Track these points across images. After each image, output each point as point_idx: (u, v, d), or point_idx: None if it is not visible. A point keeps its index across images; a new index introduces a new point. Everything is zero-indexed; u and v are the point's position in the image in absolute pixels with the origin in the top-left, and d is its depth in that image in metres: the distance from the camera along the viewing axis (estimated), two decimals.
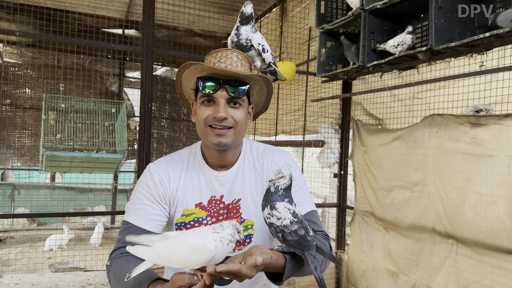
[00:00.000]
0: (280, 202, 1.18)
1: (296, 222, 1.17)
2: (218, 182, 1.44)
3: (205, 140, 1.37)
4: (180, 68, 1.37)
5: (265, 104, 1.54)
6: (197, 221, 1.42)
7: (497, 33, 1.98)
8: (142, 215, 1.36)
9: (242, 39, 1.44)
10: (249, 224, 1.45)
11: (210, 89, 1.31)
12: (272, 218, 1.19)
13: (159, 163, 1.45)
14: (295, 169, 1.48)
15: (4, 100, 5.23)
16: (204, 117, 1.33)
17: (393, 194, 3.03)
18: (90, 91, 5.58)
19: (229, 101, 1.33)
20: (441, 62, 2.63)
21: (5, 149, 5.25)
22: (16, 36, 4.61)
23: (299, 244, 1.17)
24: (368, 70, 3.01)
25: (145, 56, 2.99)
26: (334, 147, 3.75)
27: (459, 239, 2.51)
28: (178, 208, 1.41)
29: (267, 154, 1.51)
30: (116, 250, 1.34)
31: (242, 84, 1.34)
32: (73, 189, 5.88)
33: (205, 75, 1.33)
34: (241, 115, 1.35)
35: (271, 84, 1.41)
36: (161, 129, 6.10)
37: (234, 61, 1.36)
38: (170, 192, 1.41)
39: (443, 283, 2.61)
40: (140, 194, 1.39)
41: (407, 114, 3.06)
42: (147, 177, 1.42)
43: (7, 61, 5.60)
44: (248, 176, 1.47)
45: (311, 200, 1.49)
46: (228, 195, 1.44)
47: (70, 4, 4.89)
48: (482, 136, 2.34)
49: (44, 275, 2.68)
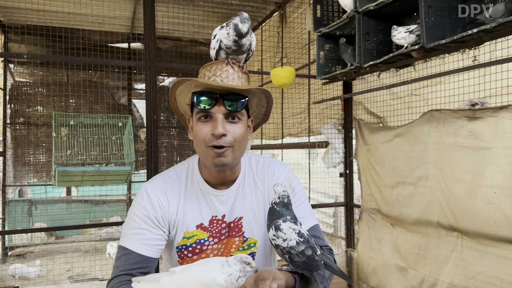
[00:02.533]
0: (284, 223, 1.15)
1: (302, 242, 1.14)
2: (219, 202, 1.37)
3: (204, 160, 1.30)
4: (174, 85, 1.31)
5: (265, 116, 1.48)
6: (199, 243, 1.36)
7: (484, 28, 2.02)
8: (141, 240, 1.28)
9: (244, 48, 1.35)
10: (251, 242, 1.40)
11: (206, 105, 1.24)
12: (277, 240, 1.15)
13: (156, 183, 1.36)
14: (296, 183, 1.45)
15: (18, 119, 5.39)
16: (202, 136, 1.26)
17: (397, 190, 3.07)
18: (99, 105, 5.72)
19: (227, 116, 1.26)
20: (436, 59, 2.68)
21: (20, 166, 5.41)
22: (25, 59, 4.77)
23: (307, 264, 1.14)
24: (365, 70, 3.06)
25: (148, 69, 3.09)
26: (338, 147, 3.80)
27: (463, 231, 2.55)
28: (178, 231, 1.35)
29: (267, 169, 1.45)
30: (114, 279, 1.25)
31: (240, 98, 1.26)
32: (88, 202, 6.01)
33: (201, 90, 1.27)
34: (240, 130, 1.28)
35: (270, 96, 1.36)
36: (170, 138, 6.21)
37: (231, 73, 1.30)
38: (170, 215, 1.34)
39: (450, 275, 2.64)
40: (137, 218, 1.30)
41: (407, 111, 3.10)
42: (144, 199, 1.32)
43: (18, 80, 5.78)
44: (249, 193, 1.41)
45: (313, 214, 1.45)
46: (230, 214, 1.38)
47: (75, 22, 5.04)
48: (479, 129, 2.38)
49: (63, 286, 2.78)
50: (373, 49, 2.87)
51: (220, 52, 1.35)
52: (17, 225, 5.56)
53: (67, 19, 4.90)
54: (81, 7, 4.34)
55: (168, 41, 5.95)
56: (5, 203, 5.30)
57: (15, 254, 5.65)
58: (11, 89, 5.37)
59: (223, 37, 1.34)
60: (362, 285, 3.58)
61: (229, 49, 1.33)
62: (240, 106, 1.26)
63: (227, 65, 1.31)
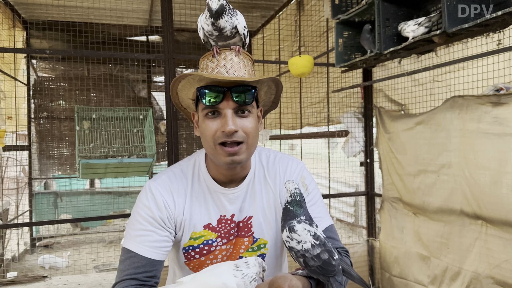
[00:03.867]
0: (299, 224, 1.08)
1: (318, 245, 1.06)
2: (228, 200, 1.29)
3: (214, 158, 1.21)
4: (175, 81, 1.22)
5: (274, 103, 1.39)
6: (207, 243, 1.29)
7: (509, 10, 1.96)
8: (145, 242, 1.20)
9: (226, 31, 1.20)
10: (261, 243, 1.33)
11: (213, 100, 1.15)
12: (291, 242, 1.08)
13: (161, 182, 1.28)
14: (310, 181, 1.37)
15: (41, 113, 5.51)
16: (211, 133, 1.17)
17: (419, 178, 3.04)
18: (120, 98, 5.80)
19: (236, 110, 1.17)
20: (459, 44, 2.61)
21: (45, 160, 5.54)
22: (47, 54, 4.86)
23: (323, 269, 1.06)
24: (386, 57, 3.01)
25: (166, 62, 3.11)
26: (358, 136, 3.77)
27: (487, 219, 2.50)
28: (185, 231, 1.27)
29: (278, 165, 1.36)
30: (119, 283, 1.18)
31: (249, 89, 1.17)
32: (111, 193, 6.14)
33: (206, 84, 1.17)
34: (252, 124, 1.19)
35: (280, 83, 1.27)
36: (190, 129, 6.25)
37: (236, 62, 1.20)
38: (176, 215, 1.26)
39: (474, 264, 2.61)
40: (141, 218, 1.22)
41: (429, 98, 3.05)
42: (148, 199, 1.24)
43: (41, 76, 5.89)
44: (259, 191, 1.33)
45: (327, 213, 1.36)
46: (239, 213, 1.31)
47: (94, 17, 5.10)
48: (504, 115, 2.32)
49: (89, 276, 2.86)
50: (393, 35, 2.82)
51: (209, 40, 1.24)
52: (43, 216, 5.72)
53: (86, 14, 4.96)
54: (99, 2, 4.39)
55: (186, 33, 5.96)
56: (31, 196, 5.45)
57: (43, 245, 5.83)
58: (34, 84, 5.49)
59: (203, 22, 1.22)
60: (385, 274, 3.56)
61: (212, 35, 1.21)
62: (250, 98, 1.17)
63: (231, 53, 1.20)
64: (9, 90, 4.47)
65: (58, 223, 5.63)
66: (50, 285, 2.60)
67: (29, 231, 5.70)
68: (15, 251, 4.85)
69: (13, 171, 4.82)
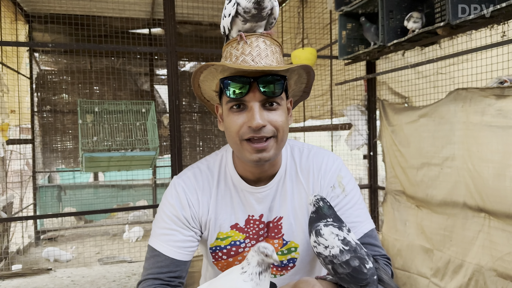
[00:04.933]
0: (326, 227, 0.99)
1: (347, 251, 0.97)
2: (256, 200, 1.20)
3: (240, 155, 1.12)
4: (196, 71, 1.12)
5: (305, 92, 1.27)
6: (234, 244, 1.22)
7: (490, 10, 1.94)
8: (170, 242, 1.16)
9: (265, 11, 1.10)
10: (292, 246, 1.22)
11: (238, 92, 1.04)
12: (319, 247, 0.99)
13: (186, 178, 1.22)
14: (348, 181, 1.23)
15: (45, 107, 5.52)
16: (236, 128, 1.07)
17: (422, 171, 3.03)
18: (123, 92, 5.80)
19: (264, 102, 1.06)
20: (463, 36, 2.59)
21: (49, 153, 5.56)
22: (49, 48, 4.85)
23: (353, 278, 0.96)
24: (389, 49, 3.00)
25: (169, 55, 3.10)
26: (361, 129, 3.76)
27: (490, 212, 2.50)
28: (211, 231, 1.21)
29: (312, 162, 1.23)
30: (143, 282, 1.16)
31: (277, 78, 1.05)
32: (115, 187, 6.16)
33: (230, 75, 1.07)
34: (281, 117, 1.08)
35: (312, 71, 1.15)
36: (193, 123, 6.26)
37: (262, 49, 1.08)
38: (201, 215, 1.20)
39: (477, 256, 2.61)
40: (166, 217, 1.18)
41: (432, 90, 3.03)
42: (173, 196, 1.19)
43: (44, 69, 5.90)
44: (290, 189, 1.22)
45: (368, 216, 1.22)
46: (268, 213, 1.21)
47: (96, 9, 5.09)
48: (508, 107, 2.30)
49: (93, 268, 2.88)
50: (397, 27, 2.80)
51: (236, 20, 1.12)
52: (47, 209, 5.75)
53: (88, 7, 4.95)
54: None
55: (188, 25, 5.94)
56: (35, 189, 5.48)
57: (47, 238, 5.87)
58: (37, 77, 5.49)
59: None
60: None
61: (248, 13, 1.09)
62: (279, 89, 1.06)
63: (257, 39, 1.09)
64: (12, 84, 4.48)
65: (62, 216, 5.67)
66: (54, 278, 2.62)
67: (33, 224, 5.74)
68: (20, 244, 4.89)
69: (17, 165, 4.84)
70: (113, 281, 2.58)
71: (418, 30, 2.58)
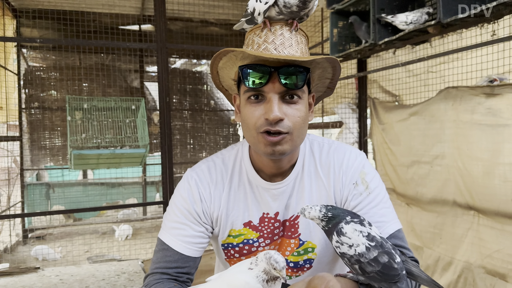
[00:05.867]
0: (347, 225, 0.91)
1: (374, 247, 0.89)
2: (272, 197, 1.14)
3: (255, 148, 1.07)
4: (215, 57, 1.05)
5: (329, 88, 1.18)
6: (247, 243, 1.16)
7: (504, 1, 1.96)
8: (179, 236, 1.12)
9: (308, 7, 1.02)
10: (309, 246, 1.16)
11: (257, 82, 0.99)
12: (342, 247, 0.91)
13: (200, 172, 1.17)
14: (372, 177, 1.14)
15: (32, 104, 5.45)
16: (253, 120, 1.02)
17: (413, 169, 3.04)
18: (112, 88, 5.75)
19: (283, 94, 1.00)
20: (453, 34, 2.60)
21: (37, 151, 5.49)
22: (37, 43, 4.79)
23: (384, 275, 0.89)
24: (380, 47, 3.00)
25: (159, 51, 3.07)
26: (352, 127, 3.77)
27: (479, 210, 2.52)
28: (222, 228, 1.16)
29: (333, 157, 1.16)
30: (150, 276, 1.13)
31: (300, 70, 0.99)
32: (104, 184, 6.11)
33: (250, 63, 1.01)
34: (301, 112, 1.02)
35: (338, 65, 1.07)
36: (183, 120, 6.22)
37: (287, 38, 1.01)
38: (212, 210, 1.15)
39: (466, 253, 2.63)
40: (177, 209, 1.14)
41: (423, 89, 3.05)
42: (185, 189, 1.15)
43: (32, 65, 5.82)
44: (308, 186, 1.15)
45: (394, 215, 1.12)
46: (284, 211, 1.15)
47: (86, 5, 5.02)
48: (497, 106, 2.32)
49: (82, 267, 2.85)
50: (388, 26, 2.80)
51: (271, 9, 1.02)
52: (35, 208, 5.68)
53: (77, 2, 4.89)
54: None
55: (179, 22, 5.90)
56: (23, 187, 5.40)
57: (35, 236, 5.80)
58: (25, 74, 5.41)
59: None
60: None
61: (288, 8, 1.00)
62: (301, 81, 0.99)
63: (282, 27, 1.02)
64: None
65: (51, 214, 5.59)
66: (42, 277, 2.59)
67: (21, 222, 5.67)
68: (7, 242, 4.82)
69: (4, 162, 4.77)
70: (102, 279, 2.55)
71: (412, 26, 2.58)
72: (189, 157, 6.10)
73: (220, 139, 6.19)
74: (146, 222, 6.50)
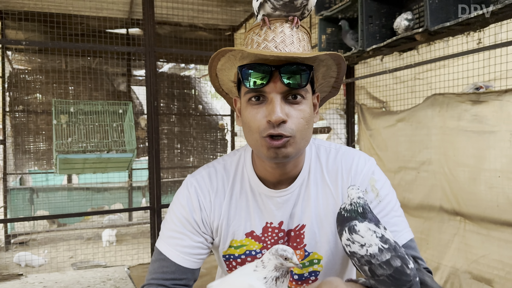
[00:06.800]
0: (361, 223, 0.87)
1: (387, 250, 0.86)
2: (276, 205, 1.07)
3: (258, 152, 1.01)
4: (213, 58, 1.00)
5: (334, 88, 1.12)
6: (249, 254, 1.10)
7: (490, 10, 1.99)
8: (177, 246, 1.06)
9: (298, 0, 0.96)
10: (315, 258, 1.09)
11: (259, 82, 0.93)
12: (353, 246, 0.87)
13: (200, 178, 1.11)
14: (382, 185, 1.07)
15: (17, 107, 5.36)
16: (256, 124, 0.95)
17: (400, 175, 3.07)
18: (99, 92, 5.69)
19: (286, 94, 0.94)
20: (440, 42, 2.64)
21: (21, 155, 5.40)
22: (23, 46, 4.72)
23: (395, 280, 0.85)
24: (368, 54, 3.03)
25: (148, 55, 3.05)
26: (340, 133, 3.78)
27: (466, 215, 2.54)
28: (223, 238, 1.10)
29: (341, 163, 1.09)
30: (147, 286, 1.08)
31: (303, 68, 0.93)
32: (89, 189, 6.03)
33: (249, 62, 0.95)
34: (304, 113, 0.96)
35: (343, 61, 1.01)
36: (171, 125, 6.19)
37: (288, 35, 0.96)
38: (212, 219, 1.09)
39: (453, 259, 2.65)
40: (175, 218, 1.09)
41: (410, 95, 3.08)
42: (184, 197, 1.10)
43: (17, 68, 5.73)
44: (315, 194, 1.08)
45: (406, 225, 1.07)
46: (289, 220, 1.08)
47: (73, 8, 4.97)
48: (483, 113, 2.36)
49: (67, 273, 2.79)
50: (376, 33, 2.84)
51: (265, 5, 0.98)
52: (19, 213, 5.57)
53: (64, 5, 4.83)
54: None
55: (167, 26, 5.88)
56: (6, 191, 5.30)
57: (18, 242, 5.69)
58: (9, 76, 5.33)
59: None
60: None
61: (279, 1, 0.96)
62: (304, 80, 0.93)
63: (282, 24, 0.97)
64: None
65: (34, 220, 5.50)
66: (25, 284, 2.53)
67: (3, 227, 5.56)
68: None
69: None
70: (88, 286, 2.50)
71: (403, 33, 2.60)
72: (176, 161, 6.06)
73: (208, 143, 6.17)
74: (132, 228, 6.43)
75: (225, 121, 6.28)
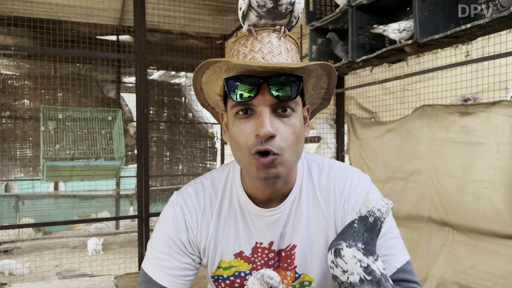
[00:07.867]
0: (348, 248, 0.83)
1: (369, 282, 0.81)
2: (265, 224, 1.02)
3: (247, 171, 0.95)
4: (197, 70, 0.95)
5: (325, 100, 1.08)
6: (238, 276, 1.05)
7: (478, 23, 2.02)
8: (163, 268, 1.02)
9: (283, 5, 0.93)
10: (306, 280, 1.05)
11: (246, 95, 0.88)
12: (336, 270, 0.84)
13: (187, 196, 1.06)
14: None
15: (4, 112, 5.29)
16: (243, 139, 0.90)
17: (389, 185, 3.08)
18: (88, 99, 5.65)
19: (275, 107, 0.90)
20: (429, 54, 2.68)
21: (7, 161, 5.32)
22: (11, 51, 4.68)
23: None
24: (358, 65, 3.06)
25: (138, 62, 3.04)
26: (330, 142, 3.80)
27: (454, 226, 2.56)
28: (211, 259, 1.06)
29: (334, 181, 1.04)
30: None
31: (292, 80, 0.89)
32: (76, 197, 5.95)
33: (236, 75, 0.91)
34: (295, 128, 0.91)
35: (334, 72, 0.97)
36: (160, 132, 6.15)
37: (275, 46, 0.92)
38: (199, 239, 1.04)
39: (441, 269, 2.66)
40: (161, 238, 1.04)
41: (399, 106, 3.11)
42: (170, 216, 1.05)
43: (4, 73, 5.66)
44: (306, 213, 1.03)
45: (402, 246, 1.02)
46: (280, 240, 1.04)
47: (63, 14, 4.94)
48: (471, 125, 2.39)
49: (52, 282, 2.74)
50: (366, 44, 2.86)
51: (249, 14, 0.95)
52: (3, 220, 5.47)
53: (54, 11, 4.81)
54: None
55: (158, 34, 5.88)
56: None
57: (2, 250, 5.57)
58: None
59: None
60: None
61: (263, 8, 0.92)
62: (294, 92, 0.89)
63: (269, 34, 0.93)
64: None
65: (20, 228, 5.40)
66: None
67: None
68: None
69: None
70: None
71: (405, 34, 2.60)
72: (165, 169, 6.02)
73: (197, 152, 6.15)
74: (119, 236, 6.35)
75: (215, 130, 6.27)
